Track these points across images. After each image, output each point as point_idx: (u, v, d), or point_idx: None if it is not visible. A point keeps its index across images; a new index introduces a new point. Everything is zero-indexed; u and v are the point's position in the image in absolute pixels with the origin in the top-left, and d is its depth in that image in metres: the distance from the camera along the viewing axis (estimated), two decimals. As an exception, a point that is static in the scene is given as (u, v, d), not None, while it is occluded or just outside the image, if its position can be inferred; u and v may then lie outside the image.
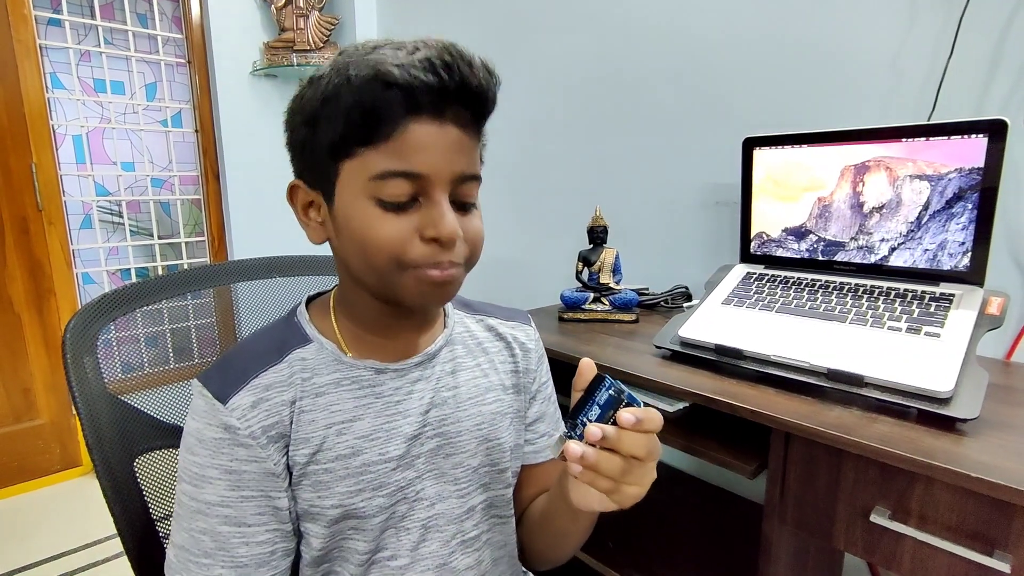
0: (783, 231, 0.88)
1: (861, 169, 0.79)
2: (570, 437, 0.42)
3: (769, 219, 0.89)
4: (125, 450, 0.59)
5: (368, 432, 0.50)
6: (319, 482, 0.48)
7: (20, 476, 1.88)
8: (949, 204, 0.72)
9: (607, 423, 0.41)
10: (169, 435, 0.62)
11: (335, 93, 0.43)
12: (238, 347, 0.52)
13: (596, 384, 0.43)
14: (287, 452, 0.48)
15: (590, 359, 0.46)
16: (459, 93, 0.43)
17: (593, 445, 0.40)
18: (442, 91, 0.42)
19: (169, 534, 0.57)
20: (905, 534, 0.54)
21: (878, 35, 0.91)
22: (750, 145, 0.89)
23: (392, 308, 0.50)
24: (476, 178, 0.47)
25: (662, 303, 1.10)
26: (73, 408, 1.98)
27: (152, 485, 0.60)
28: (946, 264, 0.73)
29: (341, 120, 0.43)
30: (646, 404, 0.42)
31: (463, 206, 0.47)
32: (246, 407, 0.46)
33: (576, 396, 0.44)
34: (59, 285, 1.88)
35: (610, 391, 0.42)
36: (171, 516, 0.49)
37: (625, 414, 0.40)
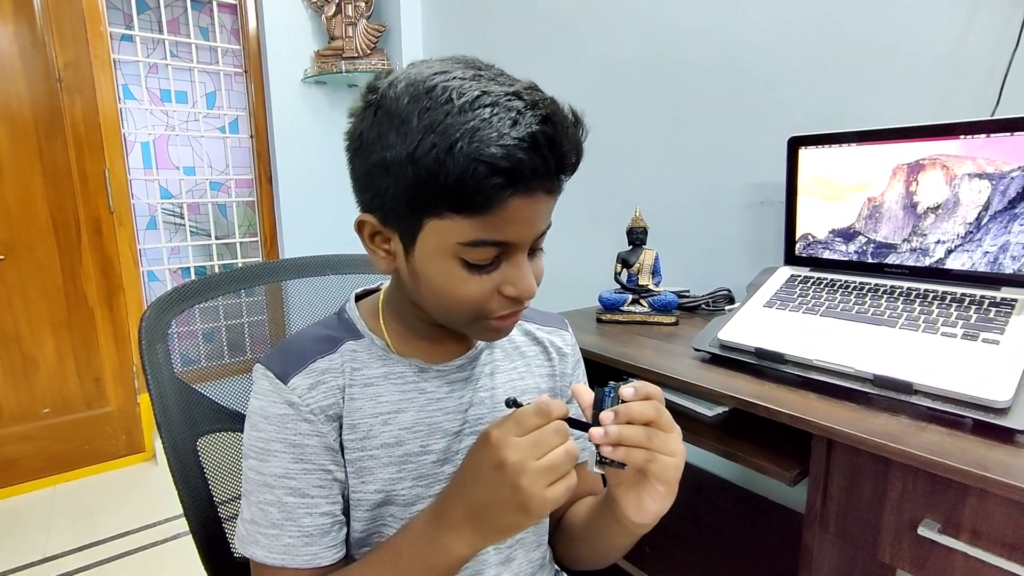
0: (830, 232, 0.85)
1: (915, 168, 0.75)
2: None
3: (815, 220, 0.87)
4: (189, 430, 0.64)
5: (411, 424, 0.52)
6: (364, 468, 0.51)
7: (90, 459, 2.02)
8: (1012, 204, 0.68)
9: None
10: (228, 419, 0.67)
11: (435, 163, 0.40)
12: (294, 336, 0.55)
13: (599, 399, 0.46)
14: (341, 432, 0.51)
15: (578, 385, 0.49)
16: (557, 168, 0.43)
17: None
18: (544, 172, 0.42)
19: (230, 516, 0.60)
20: (956, 549, 0.52)
21: (936, 26, 0.86)
22: (796, 144, 0.87)
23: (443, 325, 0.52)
24: (549, 226, 0.48)
25: (703, 305, 1.08)
26: (140, 393, 2.09)
27: (213, 464, 0.65)
28: (1008, 267, 0.69)
29: (436, 187, 0.41)
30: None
31: (533, 251, 0.48)
32: (305, 388, 0.49)
33: (590, 414, 0.46)
34: (127, 282, 2.01)
35: (610, 396, 0.45)
36: (232, 500, 0.52)
37: (625, 388, 0.45)
